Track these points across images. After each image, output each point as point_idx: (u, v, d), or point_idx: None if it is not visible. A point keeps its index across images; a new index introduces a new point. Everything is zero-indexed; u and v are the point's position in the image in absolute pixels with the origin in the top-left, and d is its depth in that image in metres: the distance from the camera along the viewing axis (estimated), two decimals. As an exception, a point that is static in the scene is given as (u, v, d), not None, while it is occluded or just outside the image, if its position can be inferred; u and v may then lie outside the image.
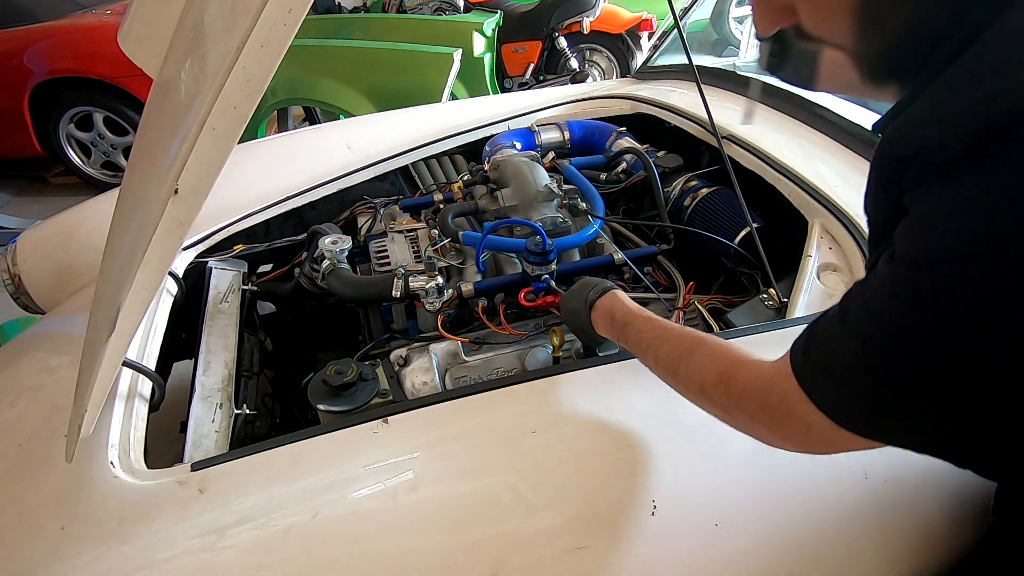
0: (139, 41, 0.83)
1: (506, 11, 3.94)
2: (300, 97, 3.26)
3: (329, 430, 0.78)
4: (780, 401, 0.55)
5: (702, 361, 0.65)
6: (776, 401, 0.56)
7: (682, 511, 0.72)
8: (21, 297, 1.27)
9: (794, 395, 0.53)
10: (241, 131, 0.49)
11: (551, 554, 0.69)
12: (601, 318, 0.84)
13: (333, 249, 1.11)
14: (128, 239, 0.67)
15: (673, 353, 0.70)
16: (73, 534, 0.70)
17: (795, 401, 0.53)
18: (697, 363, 0.66)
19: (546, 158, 1.43)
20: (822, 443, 0.55)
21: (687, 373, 0.67)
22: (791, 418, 0.55)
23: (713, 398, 0.64)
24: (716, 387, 0.63)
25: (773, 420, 0.57)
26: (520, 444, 0.75)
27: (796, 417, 0.54)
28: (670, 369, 0.70)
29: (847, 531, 0.77)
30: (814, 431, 0.53)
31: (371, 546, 0.68)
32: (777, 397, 0.55)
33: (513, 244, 1.09)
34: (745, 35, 3.06)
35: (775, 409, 0.56)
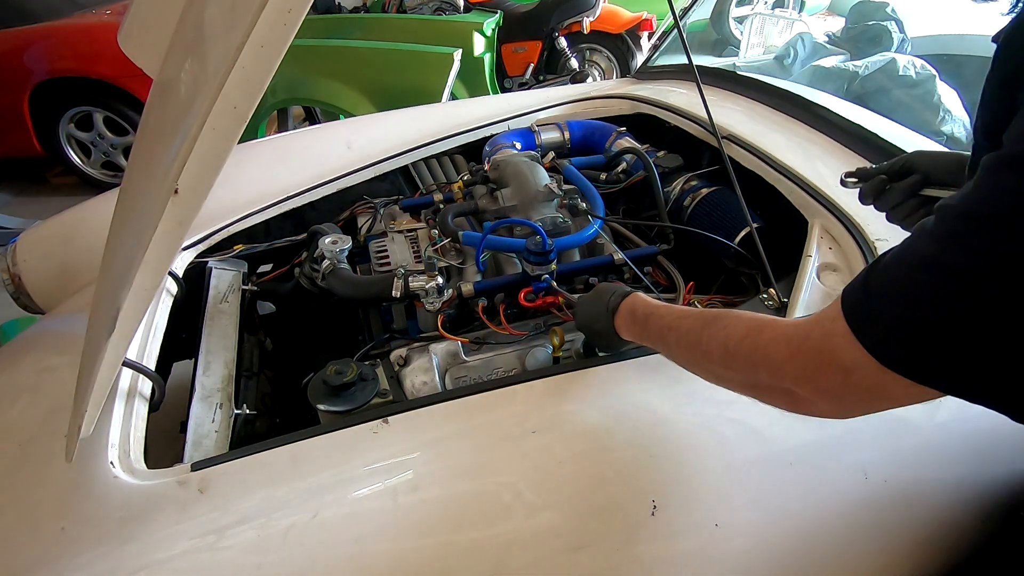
0: (139, 41, 0.83)
1: (506, 11, 3.94)
2: (300, 97, 3.26)
3: (329, 430, 0.78)
4: (819, 344, 0.50)
5: (728, 322, 0.61)
6: (813, 344, 0.50)
7: (682, 511, 0.72)
8: (21, 297, 1.27)
9: (838, 336, 0.47)
10: (241, 131, 0.49)
11: (551, 554, 0.69)
12: (623, 320, 0.81)
13: (333, 249, 1.11)
14: (128, 239, 0.67)
15: (696, 323, 0.66)
16: (73, 534, 0.70)
17: (838, 343, 0.47)
18: (723, 324, 0.62)
19: (546, 158, 1.43)
20: (860, 393, 0.49)
21: (711, 337, 0.62)
22: (829, 363, 0.49)
23: (737, 356, 0.58)
24: (743, 341, 0.57)
25: (807, 368, 0.51)
26: (520, 444, 0.75)
27: (835, 361, 0.48)
28: (693, 339, 0.66)
29: (847, 531, 0.77)
30: (854, 377, 0.47)
31: (371, 546, 0.68)
32: (816, 340, 0.50)
33: (513, 244, 1.09)
34: (745, 35, 3.06)
35: (810, 354, 0.51)
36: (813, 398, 0.52)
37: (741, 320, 0.60)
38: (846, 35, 2.79)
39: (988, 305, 0.39)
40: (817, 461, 0.78)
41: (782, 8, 4.57)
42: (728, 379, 0.63)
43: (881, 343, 0.45)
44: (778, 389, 0.56)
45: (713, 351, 0.63)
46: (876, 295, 0.46)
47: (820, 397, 0.52)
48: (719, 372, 0.64)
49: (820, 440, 0.79)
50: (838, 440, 0.80)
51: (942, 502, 0.81)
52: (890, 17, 2.69)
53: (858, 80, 2.03)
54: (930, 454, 0.82)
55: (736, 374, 0.61)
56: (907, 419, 0.84)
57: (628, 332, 0.81)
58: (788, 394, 0.55)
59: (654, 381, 0.82)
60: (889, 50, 2.45)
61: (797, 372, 0.52)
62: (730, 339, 0.59)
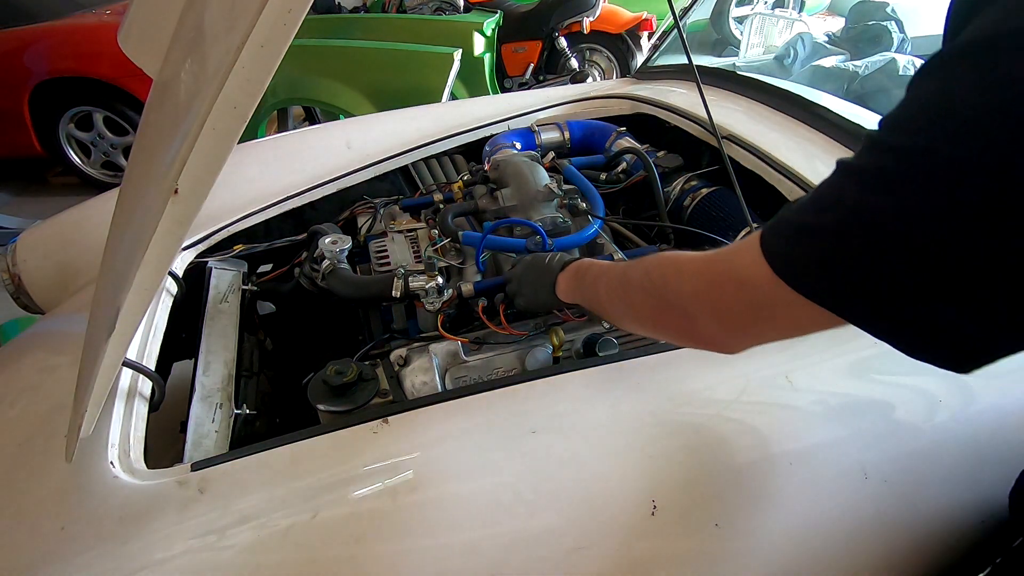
0: (139, 41, 0.83)
1: (506, 11, 3.94)
2: (300, 97, 3.26)
3: (329, 430, 0.78)
4: (726, 257, 0.52)
5: (658, 255, 0.63)
6: (721, 258, 0.53)
7: (682, 511, 0.72)
8: (21, 297, 1.27)
9: (746, 252, 0.49)
10: (241, 131, 0.49)
11: (551, 554, 0.69)
12: (566, 281, 0.84)
13: (333, 249, 1.11)
14: (128, 239, 0.67)
15: (629, 263, 0.68)
16: (73, 534, 0.70)
17: (743, 258, 0.49)
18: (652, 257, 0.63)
19: (546, 158, 1.43)
20: (749, 309, 0.50)
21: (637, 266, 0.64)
22: (729, 276, 0.51)
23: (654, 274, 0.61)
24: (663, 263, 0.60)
25: (709, 281, 0.53)
26: (520, 444, 0.75)
27: (734, 274, 0.50)
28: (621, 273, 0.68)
29: (847, 531, 0.77)
30: (746, 290, 0.49)
31: (371, 546, 0.68)
32: (724, 255, 0.53)
33: (513, 244, 1.09)
34: (745, 35, 3.06)
35: (716, 266, 0.53)
36: (706, 317, 0.54)
37: (671, 253, 0.61)
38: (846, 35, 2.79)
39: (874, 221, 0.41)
40: (817, 461, 0.78)
41: (782, 8, 4.57)
42: (644, 312, 0.65)
43: (778, 255, 0.47)
44: (676, 309, 0.58)
45: (634, 278, 0.65)
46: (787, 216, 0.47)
47: (712, 315, 0.54)
48: (637, 303, 0.65)
49: (820, 440, 0.80)
50: (838, 440, 0.80)
51: (942, 502, 0.81)
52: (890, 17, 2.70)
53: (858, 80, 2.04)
54: (930, 454, 0.82)
55: (649, 298, 0.62)
56: (907, 420, 0.84)
57: (568, 291, 0.84)
58: (684, 316, 0.57)
59: (654, 381, 0.82)
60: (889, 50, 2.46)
61: (698, 285, 0.55)
62: (652, 264, 0.62)
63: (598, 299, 0.76)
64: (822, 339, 0.87)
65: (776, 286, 0.47)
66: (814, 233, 0.44)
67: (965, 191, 0.37)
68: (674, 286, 0.58)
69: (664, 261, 0.60)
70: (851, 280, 0.43)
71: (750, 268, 0.49)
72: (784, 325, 0.50)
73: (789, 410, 0.81)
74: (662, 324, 0.62)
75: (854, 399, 0.83)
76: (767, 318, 0.50)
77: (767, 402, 0.82)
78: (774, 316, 0.49)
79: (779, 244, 0.47)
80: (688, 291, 0.56)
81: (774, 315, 0.49)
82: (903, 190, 0.40)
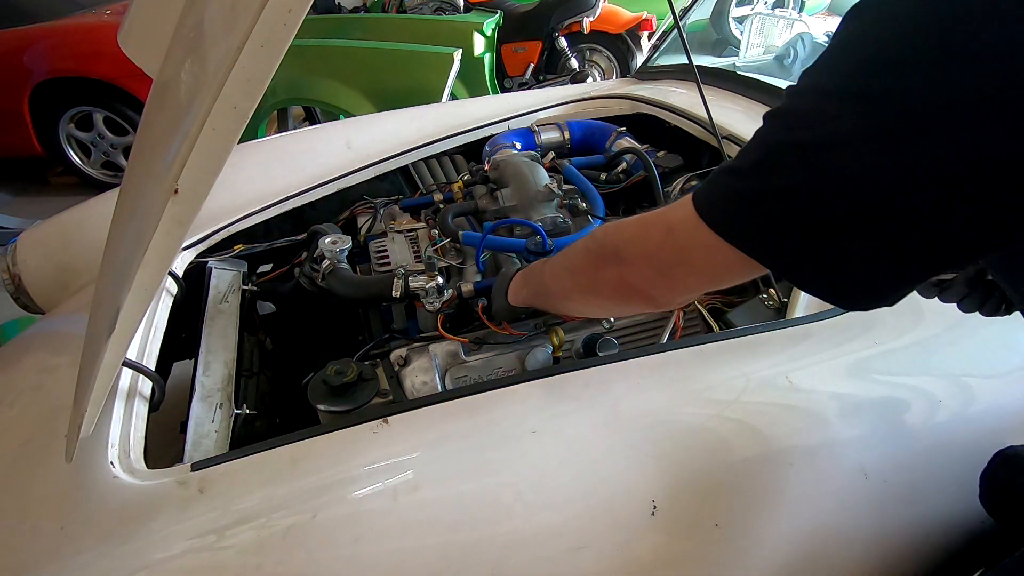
0: (139, 41, 0.83)
1: (506, 11, 3.94)
2: (300, 97, 3.26)
3: (329, 430, 0.78)
4: (662, 212, 0.56)
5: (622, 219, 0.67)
6: (658, 213, 0.57)
7: (682, 511, 0.72)
8: (21, 297, 1.27)
9: (680, 207, 0.52)
10: (241, 131, 0.49)
11: (551, 554, 0.69)
12: (515, 285, 0.88)
13: (333, 249, 1.11)
14: (128, 239, 0.67)
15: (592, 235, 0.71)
16: (73, 534, 0.70)
17: (676, 211, 0.53)
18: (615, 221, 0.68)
19: (546, 158, 1.42)
20: (673, 251, 0.54)
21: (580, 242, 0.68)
22: (659, 222, 0.55)
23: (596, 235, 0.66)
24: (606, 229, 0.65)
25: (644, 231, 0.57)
26: (520, 444, 0.75)
27: (664, 220, 0.54)
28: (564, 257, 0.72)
29: (847, 531, 0.77)
30: (674, 233, 0.53)
31: (371, 546, 0.68)
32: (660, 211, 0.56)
33: (513, 244, 1.09)
34: (745, 35, 3.06)
35: (651, 219, 0.57)
36: (637, 262, 0.58)
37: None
38: (846, 35, 2.79)
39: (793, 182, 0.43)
40: (817, 461, 0.78)
41: (782, 8, 4.57)
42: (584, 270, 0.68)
43: (700, 197, 0.50)
44: (613, 258, 0.62)
45: (578, 245, 0.70)
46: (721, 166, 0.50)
47: (643, 258, 0.58)
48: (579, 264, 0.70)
49: (820, 440, 0.80)
50: (838, 440, 0.80)
51: (942, 502, 0.81)
52: (890, 17, 2.69)
53: (858, 80, 2.04)
54: (930, 454, 0.82)
55: (589, 255, 0.67)
56: (907, 420, 0.84)
57: (516, 292, 0.88)
58: (619, 261, 0.60)
59: (654, 381, 0.82)
60: (889, 50, 2.45)
61: (635, 231, 0.59)
62: (598, 229, 0.66)
63: (544, 286, 0.79)
64: (822, 339, 0.87)
65: (696, 227, 0.50)
66: (732, 173, 0.47)
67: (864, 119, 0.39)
68: (614, 237, 0.63)
69: (610, 224, 0.65)
70: (758, 215, 0.45)
71: (679, 214, 0.52)
72: (702, 268, 0.53)
73: (789, 410, 0.81)
74: (600, 279, 0.65)
75: (854, 399, 0.83)
76: (687, 261, 0.53)
77: (767, 402, 0.82)
78: (692, 259, 0.52)
79: (705, 189, 0.50)
80: (626, 237, 0.61)
81: (692, 257, 0.52)
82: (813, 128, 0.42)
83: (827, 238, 0.43)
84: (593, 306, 0.73)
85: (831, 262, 0.44)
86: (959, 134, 0.36)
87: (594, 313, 0.85)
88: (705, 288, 0.57)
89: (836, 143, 0.40)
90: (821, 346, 0.87)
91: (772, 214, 0.44)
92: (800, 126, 0.43)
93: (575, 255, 0.72)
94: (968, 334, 0.89)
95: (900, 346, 0.88)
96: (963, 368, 0.89)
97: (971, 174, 0.37)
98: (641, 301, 0.62)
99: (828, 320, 0.89)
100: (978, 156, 0.37)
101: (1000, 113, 0.35)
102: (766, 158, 0.45)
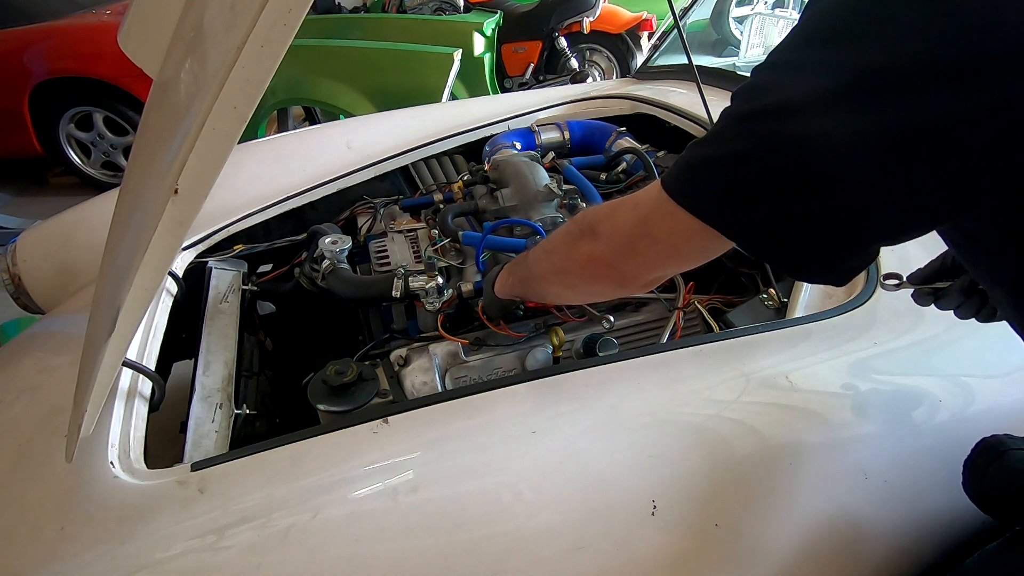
0: (139, 41, 0.83)
1: (506, 11, 3.94)
2: (300, 97, 3.26)
3: (329, 430, 0.78)
4: (635, 196, 0.58)
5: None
6: (631, 196, 0.59)
7: (682, 511, 0.72)
8: (21, 297, 1.27)
9: (652, 188, 0.54)
10: (241, 131, 0.49)
11: (551, 554, 0.69)
12: (501, 280, 0.89)
13: (333, 249, 1.11)
14: (128, 239, 0.67)
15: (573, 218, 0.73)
16: (73, 534, 0.70)
17: (647, 192, 0.55)
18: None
19: (546, 158, 1.42)
20: (638, 225, 0.55)
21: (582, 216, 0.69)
22: (630, 203, 0.57)
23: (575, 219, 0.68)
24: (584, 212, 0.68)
25: (616, 211, 0.59)
26: (520, 444, 0.75)
27: (635, 201, 0.56)
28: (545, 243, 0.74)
29: (847, 531, 0.77)
30: (639, 208, 0.55)
31: (371, 546, 0.68)
32: (633, 195, 0.58)
33: (513, 244, 1.09)
34: (745, 35, 3.06)
35: (627, 197, 0.59)
36: (607, 236, 0.60)
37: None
38: (846, 35, 2.79)
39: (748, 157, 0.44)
40: (817, 461, 0.78)
41: (782, 8, 4.57)
42: (562, 248, 0.70)
43: (668, 173, 0.52)
44: (588, 233, 0.63)
45: (560, 228, 0.72)
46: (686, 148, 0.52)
47: (611, 234, 0.60)
48: (558, 244, 0.72)
49: (820, 440, 0.80)
50: (838, 440, 0.80)
51: (942, 502, 0.81)
52: (890, 17, 2.69)
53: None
54: (931, 454, 0.82)
55: (567, 235, 0.69)
56: (907, 420, 0.84)
57: (502, 283, 0.88)
58: (592, 236, 0.62)
59: (654, 381, 0.82)
60: (889, 50, 2.45)
61: (607, 209, 0.61)
62: (575, 216, 0.70)
63: (527, 270, 0.80)
64: (822, 339, 0.87)
65: (658, 198, 0.52)
66: (694, 145, 0.49)
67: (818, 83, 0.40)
68: (590, 215, 0.66)
69: (593, 205, 0.68)
70: (708, 180, 0.47)
71: (647, 191, 0.55)
72: (663, 239, 0.54)
73: (789, 410, 0.81)
74: (573, 256, 0.67)
75: (854, 399, 0.83)
76: (650, 233, 0.54)
77: (767, 402, 0.82)
78: (654, 230, 0.54)
79: (672, 164, 0.52)
80: (600, 215, 0.63)
81: (654, 229, 0.54)
82: (765, 95, 0.43)
83: (773, 202, 0.44)
84: (565, 286, 0.73)
85: (778, 228, 0.45)
86: (925, 96, 0.37)
87: (568, 296, 0.84)
88: (670, 264, 0.59)
89: (785, 109, 0.41)
90: (821, 346, 0.87)
91: (722, 179, 0.46)
92: (755, 97, 0.44)
93: (555, 236, 0.74)
94: (968, 334, 0.89)
95: (900, 346, 0.88)
96: (963, 368, 0.89)
97: (932, 138, 0.37)
98: (609, 279, 0.64)
99: (828, 320, 0.90)
100: (945, 119, 0.37)
101: (976, 76, 0.35)
102: (721, 128, 0.46)
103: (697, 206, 0.49)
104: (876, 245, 0.48)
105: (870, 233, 0.45)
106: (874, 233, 0.45)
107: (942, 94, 0.36)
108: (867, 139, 0.39)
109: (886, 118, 0.38)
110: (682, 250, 0.54)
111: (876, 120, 0.38)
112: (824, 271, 0.48)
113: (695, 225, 0.49)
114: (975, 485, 0.69)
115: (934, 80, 0.36)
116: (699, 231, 0.49)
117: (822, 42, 0.41)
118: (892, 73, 0.37)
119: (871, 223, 0.43)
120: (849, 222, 0.43)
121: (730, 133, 0.46)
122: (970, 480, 0.70)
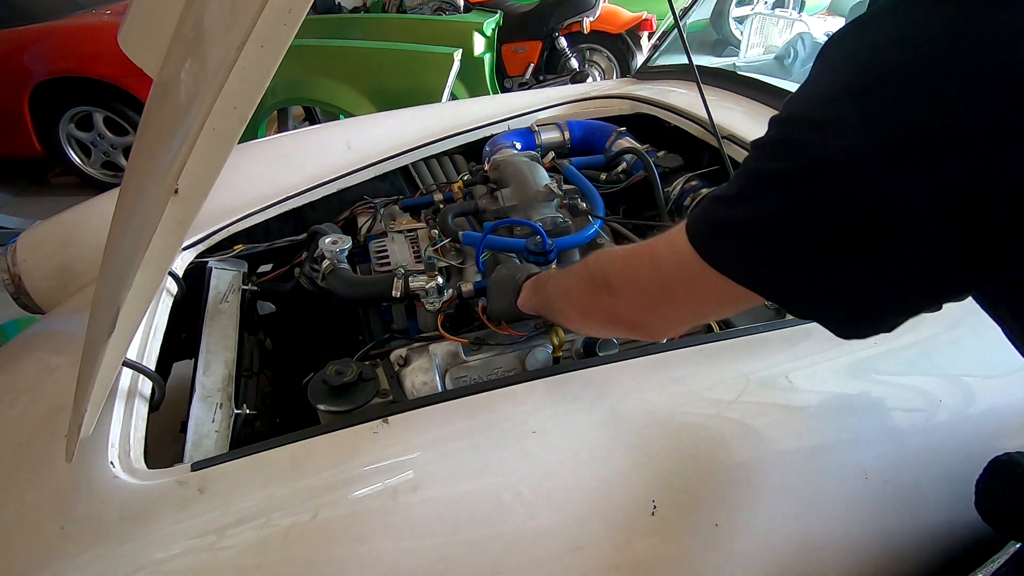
0: (139, 41, 0.83)
1: (506, 11, 3.94)
2: (300, 97, 3.26)
3: (329, 430, 0.78)
4: (656, 239, 0.56)
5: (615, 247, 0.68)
6: (651, 240, 0.57)
7: (682, 511, 0.72)
8: (21, 297, 1.27)
9: (674, 231, 0.52)
10: (241, 131, 0.49)
11: (551, 554, 0.69)
12: (526, 292, 0.87)
13: (333, 249, 1.11)
14: (128, 239, 0.67)
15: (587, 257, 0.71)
16: (73, 534, 0.70)
17: (668, 235, 0.53)
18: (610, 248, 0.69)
19: (546, 158, 1.43)
20: (662, 281, 0.54)
21: (591, 262, 0.68)
22: (651, 254, 0.56)
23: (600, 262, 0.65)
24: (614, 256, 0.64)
25: (638, 263, 0.58)
26: (520, 444, 0.75)
27: (655, 253, 0.55)
28: (574, 273, 0.71)
29: (847, 531, 0.77)
30: (663, 264, 0.53)
31: (371, 546, 0.68)
32: (656, 238, 0.56)
33: (513, 244, 1.09)
34: (745, 35, 3.06)
35: (642, 248, 0.58)
36: (627, 293, 0.59)
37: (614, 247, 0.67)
38: (846, 35, 2.78)
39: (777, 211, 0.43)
40: (817, 461, 0.78)
41: (782, 8, 4.57)
42: (580, 297, 0.69)
43: (691, 227, 0.50)
44: (604, 289, 0.62)
45: (576, 270, 0.70)
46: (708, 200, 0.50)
47: (632, 292, 0.58)
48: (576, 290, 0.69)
49: (820, 440, 0.80)
50: (838, 440, 0.80)
51: (942, 503, 0.81)
52: (890, 17, 2.69)
53: (858, 80, 2.04)
54: (931, 455, 0.82)
55: (583, 282, 0.68)
56: (907, 420, 0.84)
57: (526, 301, 0.86)
58: (610, 293, 0.60)
59: (654, 381, 0.82)
60: (889, 50, 2.45)
61: (624, 264, 0.60)
62: (592, 256, 0.67)
63: (548, 300, 0.79)
64: (822, 339, 0.87)
65: (682, 259, 0.50)
66: (720, 201, 0.47)
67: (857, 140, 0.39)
68: (605, 267, 0.64)
69: (603, 252, 0.66)
70: (745, 244, 0.45)
71: (664, 246, 0.53)
72: (689, 300, 0.53)
73: (789, 410, 0.81)
74: (594, 307, 0.66)
75: (854, 399, 0.83)
76: (674, 294, 0.53)
77: (767, 402, 0.82)
78: (678, 292, 0.53)
79: (695, 217, 0.50)
80: (616, 269, 0.61)
81: (678, 291, 0.53)
82: (793, 154, 0.42)
83: (814, 266, 0.42)
84: (592, 330, 0.74)
85: (821, 289, 0.44)
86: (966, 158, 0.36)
87: (595, 334, 0.86)
88: (697, 320, 0.57)
89: (822, 169, 0.40)
90: (821, 346, 0.86)
91: (757, 240, 0.45)
92: (783, 155, 0.43)
93: (572, 278, 0.72)
94: (968, 334, 0.89)
95: (900, 346, 0.88)
96: (963, 368, 0.89)
97: (974, 200, 0.36)
98: (635, 331, 0.62)
99: (828, 320, 0.89)
100: (982, 182, 0.36)
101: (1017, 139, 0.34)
102: (749, 185, 0.45)
103: (731, 268, 0.47)
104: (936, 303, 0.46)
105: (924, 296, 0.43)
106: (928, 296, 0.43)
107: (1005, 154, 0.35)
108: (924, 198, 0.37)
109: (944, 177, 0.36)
110: (712, 307, 0.53)
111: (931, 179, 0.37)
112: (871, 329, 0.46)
113: (727, 285, 0.47)
114: (991, 507, 0.68)
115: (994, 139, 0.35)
116: (731, 290, 0.48)
117: (855, 97, 0.39)
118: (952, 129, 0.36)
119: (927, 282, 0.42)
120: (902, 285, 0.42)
121: (761, 192, 0.44)
122: (984, 501, 0.69)
